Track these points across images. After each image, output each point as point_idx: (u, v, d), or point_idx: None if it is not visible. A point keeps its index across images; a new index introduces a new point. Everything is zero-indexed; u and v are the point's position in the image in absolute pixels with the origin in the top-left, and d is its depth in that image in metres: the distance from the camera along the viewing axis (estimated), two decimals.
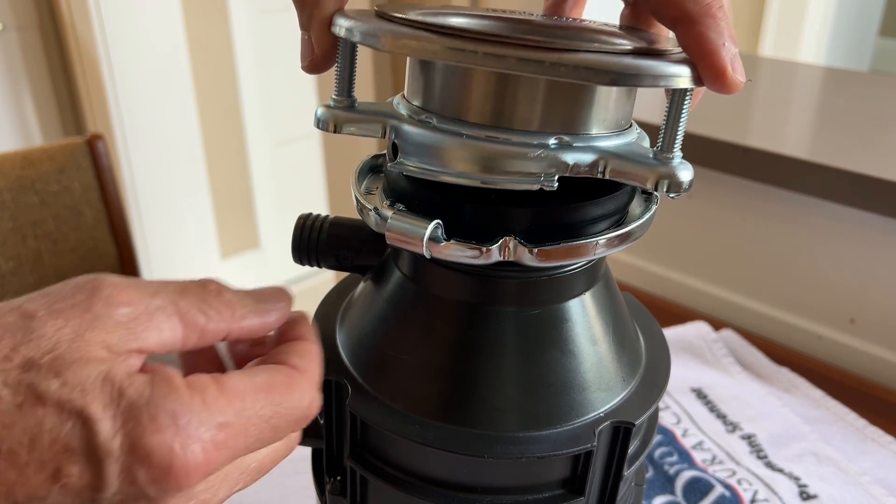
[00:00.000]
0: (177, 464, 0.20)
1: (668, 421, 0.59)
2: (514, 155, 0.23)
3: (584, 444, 0.27)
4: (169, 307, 0.23)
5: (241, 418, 0.22)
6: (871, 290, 0.69)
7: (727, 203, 0.77)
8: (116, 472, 0.20)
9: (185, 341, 0.24)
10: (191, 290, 0.24)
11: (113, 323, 0.22)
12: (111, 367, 0.21)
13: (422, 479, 0.29)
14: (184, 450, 0.20)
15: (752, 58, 1.15)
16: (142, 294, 0.23)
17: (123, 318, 0.22)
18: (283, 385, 0.24)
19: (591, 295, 0.29)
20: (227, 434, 0.22)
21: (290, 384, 0.24)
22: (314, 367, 0.26)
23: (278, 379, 0.24)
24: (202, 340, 0.24)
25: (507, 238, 0.25)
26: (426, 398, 0.28)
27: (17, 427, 0.19)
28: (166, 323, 0.23)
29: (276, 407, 0.23)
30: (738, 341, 0.69)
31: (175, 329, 0.23)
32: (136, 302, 0.22)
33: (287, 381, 0.24)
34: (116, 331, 0.22)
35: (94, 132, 1.00)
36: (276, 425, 0.23)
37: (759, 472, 0.54)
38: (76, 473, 0.20)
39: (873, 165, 0.65)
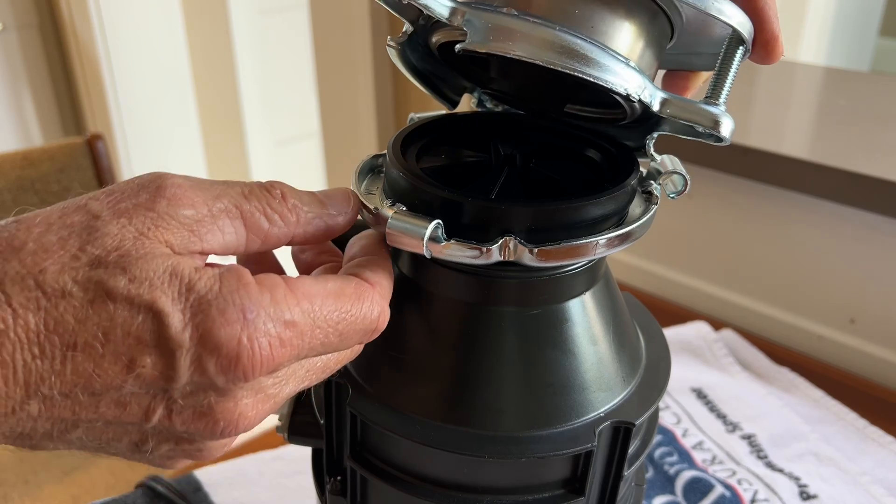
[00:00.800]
0: (244, 355, 0.21)
1: (669, 421, 0.59)
2: (605, 58, 0.24)
3: (585, 444, 0.27)
4: (233, 210, 0.23)
5: (309, 319, 0.22)
6: (871, 290, 0.69)
7: (727, 203, 0.77)
8: (188, 363, 0.20)
9: (249, 245, 0.24)
10: (255, 194, 0.24)
11: (176, 223, 0.22)
12: (178, 262, 0.21)
13: (422, 479, 0.29)
14: (251, 342, 0.21)
15: None
16: (206, 196, 0.23)
17: (187, 219, 0.22)
18: (353, 294, 0.24)
19: (592, 295, 0.29)
20: (294, 332, 0.22)
21: (361, 294, 0.24)
22: (386, 281, 0.26)
23: (349, 288, 0.24)
24: (265, 245, 0.24)
25: (507, 238, 0.25)
26: (426, 398, 0.28)
27: (90, 322, 0.20)
28: (229, 226, 0.23)
29: (345, 314, 0.23)
30: (738, 341, 0.69)
31: (238, 232, 0.23)
32: (200, 203, 0.23)
33: (358, 290, 0.24)
34: (180, 231, 0.22)
35: (94, 132, 1.00)
36: (342, 331, 0.24)
37: (759, 472, 0.54)
38: (149, 364, 0.20)
39: (873, 165, 0.65)
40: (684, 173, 0.29)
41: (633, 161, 0.29)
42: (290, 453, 0.56)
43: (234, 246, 0.23)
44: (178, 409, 0.21)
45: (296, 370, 0.24)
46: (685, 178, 0.29)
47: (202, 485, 0.53)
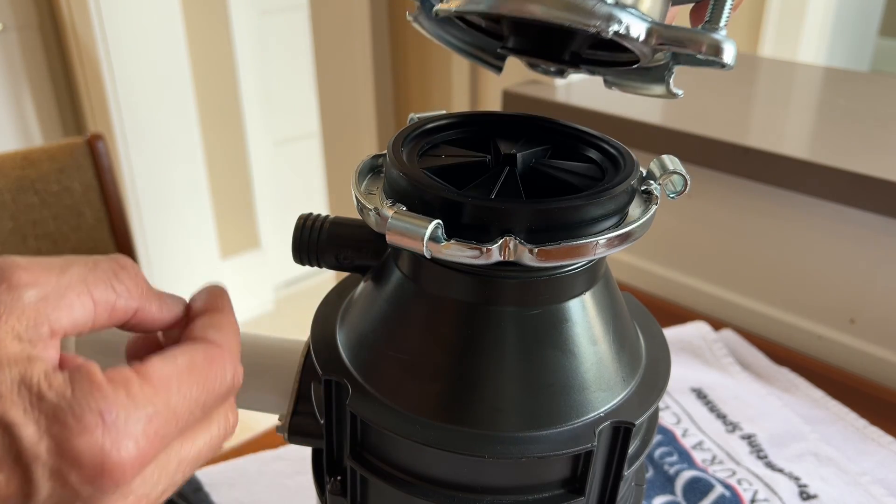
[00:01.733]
0: (109, 462, 0.20)
1: (668, 421, 0.59)
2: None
3: (584, 444, 0.27)
4: (78, 285, 0.22)
5: (170, 404, 0.22)
6: (871, 290, 0.69)
7: (727, 203, 0.77)
8: (46, 477, 0.19)
9: (97, 319, 0.23)
10: (102, 266, 0.24)
11: (21, 307, 0.21)
12: (26, 368, 0.20)
13: (422, 478, 0.29)
14: (115, 447, 0.20)
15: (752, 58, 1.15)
16: (49, 272, 0.22)
17: (31, 299, 0.21)
18: (204, 362, 0.24)
19: (591, 295, 0.29)
20: (158, 423, 0.21)
21: (211, 360, 0.24)
22: (232, 338, 0.26)
23: (198, 357, 0.24)
24: (112, 318, 0.24)
25: (507, 238, 0.25)
26: (426, 398, 0.28)
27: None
28: (77, 301, 0.22)
29: (202, 385, 0.23)
30: (738, 341, 0.69)
31: (86, 307, 0.22)
32: (44, 281, 0.22)
33: (208, 356, 0.24)
34: (25, 315, 0.21)
35: (94, 132, 1.00)
36: (204, 403, 0.23)
37: (759, 472, 0.54)
38: (2, 481, 0.19)
39: (873, 165, 0.65)
40: (684, 173, 0.29)
41: (633, 161, 0.29)
42: (290, 453, 0.56)
43: (83, 321, 0.23)
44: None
45: (166, 465, 0.23)
46: (685, 178, 0.29)
47: (202, 485, 0.53)
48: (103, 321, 0.23)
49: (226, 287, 0.29)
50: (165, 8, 1.65)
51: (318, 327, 0.32)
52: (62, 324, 0.22)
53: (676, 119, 0.78)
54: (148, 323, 0.25)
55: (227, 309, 0.27)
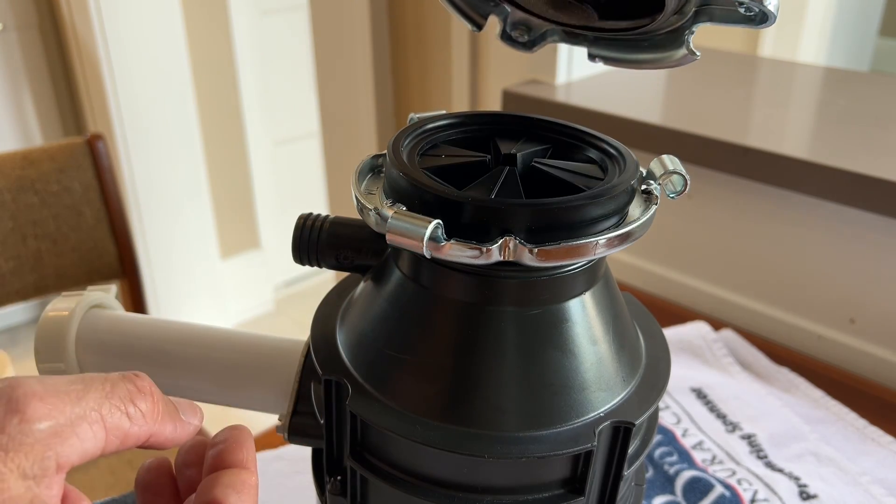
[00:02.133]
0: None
1: (668, 421, 0.59)
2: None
3: (584, 443, 0.27)
4: (92, 414, 0.22)
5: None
6: (871, 290, 0.69)
7: (727, 203, 0.77)
8: None
9: (107, 447, 0.22)
10: (119, 390, 0.23)
11: (31, 443, 0.20)
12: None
13: (422, 478, 0.29)
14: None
15: (752, 58, 1.15)
16: (65, 402, 0.21)
17: (42, 435, 0.20)
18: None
19: (591, 295, 0.29)
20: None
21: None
22: (252, 501, 0.25)
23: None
24: (124, 444, 0.23)
25: (507, 238, 0.25)
26: (426, 398, 0.28)
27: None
28: (89, 432, 0.21)
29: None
30: (738, 341, 0.69)
31: (97, 437, 0.22)
32: (58, 413, 0.21)
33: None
34: (34, 451, 0.20)
35: (94, 132, 1.00)
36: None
37: (759, 471, 0.54)
38: None
39: (873, 165, 0.65)
40: (684, 173, 0.29)
41: (633, 161, 0.29)
42: (290, 453, 0.56)
43: (91, 451, 0.22)
44: None
45: None
46: (685, 178, 0.29)
47: None
48: (114, 447, 0.23)
49: (250, 433, 0.28)
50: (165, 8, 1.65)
51: (318, 327, 0.32)
52: (70, 458, 0.21)
53: (676, 119, 0.78)
54: (160, 445, 0.25)
55: (249, 465, 0.26)
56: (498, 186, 0.27)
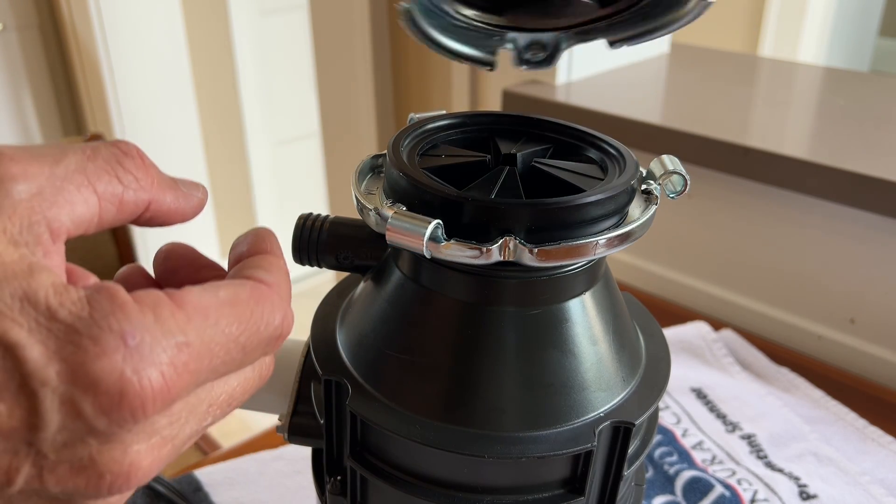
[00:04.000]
0: (130, 391, 0.17)
1: (668, 421, 0.59)
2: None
3: (584, 444, 0.27)
4: (77, 176, 0.19)
5: (205, 336, 0.19)
6: (871, 290, 0.69)
7: (727, 203, 0.77)
8: (56, 405, 0.17)
9: (103, 215, 0.20)
10: (102, 153, 0.20)
11: (11, 205, 0.17)
12: (29, 279, 0.17)
13: (422, 478, 0.29)
14: (137, 374, 0.17)
15: (752, 58, 1.15)
16: (42, 163, 0.18)
17: (23, 195, 0.18)
18: (250, 299, 0.21)
19: (591, 295, 0.29)
20: (189, 355, 0.18)
21: (260, 298, 0.21)
22: (283, 280, 0.23)
23: (244, 293, 0.21)
24: (122, 213, 0.20)
25: (507, 238, 0.25)
26: (426, 398, 0.28)
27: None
28: (77, 195, 0.19)
29: (245, 323, 0.20)
30: (738, 341, 0.69)
31: (89, 201, 0.19)
32: (35, 172, 0.18)
33: (255, 294, 0.21)
34: (17, 214, 0.18)
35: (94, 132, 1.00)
36: (244, 344, 0.20)
37: (759, 472, 0.54)
38: (4, 411, 0.16)
39: (873, 165, 0.65)
40: (684, 173, 0.29)
41: (633, 161, 0.29)
42: (290, 453, 0.56)
43: (87, 218, 0.19)
44: (49, 466, 0.17)
45: (196, 405, 0.20)
46: (685, 178, 0.29)
47: (202, 485, 0.53)
48: (111, 217, 0.20)
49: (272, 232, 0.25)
50: (165, 8, 1.65)
51: (318, 327, 0.32)
52: (63, 222, 0.18)
53: (676, 119, 0.78)
54: (164, 215, 0.22)
55: (276, 251, 0.24)
56: (498, 186, 0.27)
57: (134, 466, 0.18)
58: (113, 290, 0.18)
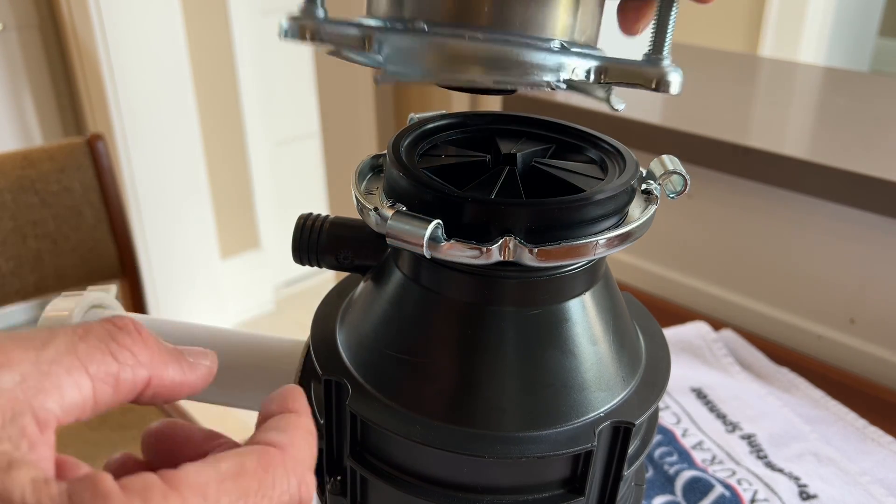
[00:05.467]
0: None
1: (668, 421, 0.59)
2: (521, 55, 0.23)
3: (584, 444, 0.27)
4: (66, 358, 0.18)
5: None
6: (870, 290, 0.69)
7: (727, 203, 0.77)
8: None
9: (98, 398, 0.18)
10: (94, 331, 0.19)
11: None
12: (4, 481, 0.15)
13: (422, 478, 0.29)
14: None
15: (752, 58, 1.15)
16: (26, 348, 0.18)
17: (6, 384, 0.17)
18: (258, 468, 0.19)
19: (591, 295, 0.29)
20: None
21: (268, 464, 0.19)
22: (300, 440, 0.21)
23: (251, 462, 0.19)
24: (119, 393, 0.19)
25: (507, 238, 0.25)
26: (426, 398, 0.28)
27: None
28: (67, 378, 0.18)
29: (252, 496, 0.18)
30: (738, 341, 0.69)
31: (81, 384, 0.18)
32: (20, 359, 0.17)
33: (263, 461, 0.19)
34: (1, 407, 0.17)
35: (94, 132, 1.00)
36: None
37: (758, 472, 0.54)
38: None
39: (873, 165, 0.65)
40: (684, 173, 0.29)
41: (633, 161, 0.29)
42: None
43: (79, 405, 0.18)
44: None
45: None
46: (685, 179, 0.29)
47: None
48: (107, 398, 0.19)
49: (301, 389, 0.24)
50: (165, 8, 1.65)
51: (318, 327, 0.32)
52: (51, 410, 0.17)
53: (676, 119, 0.78)
54: (168, 391, 0.21)
55: (301, 410, 0.22)
56: (498, 186, 0.27)
57: None
58: (97, 479, 0.16)
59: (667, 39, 0.25)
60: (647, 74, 0.24)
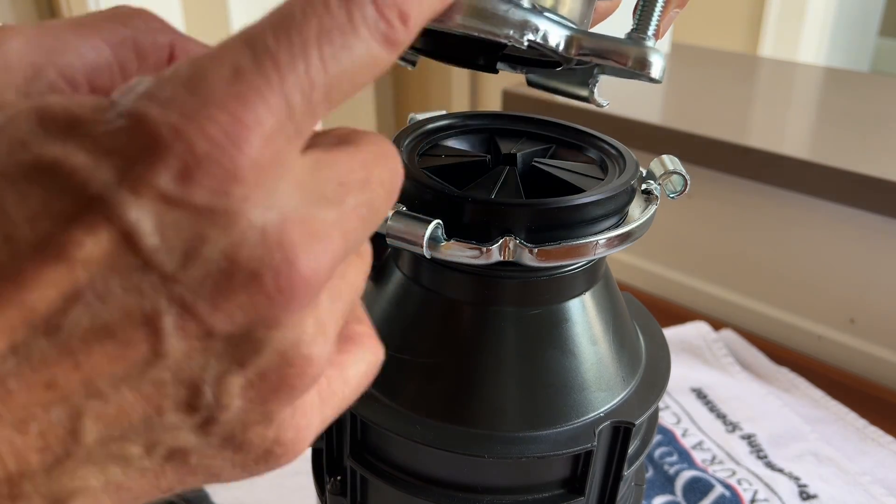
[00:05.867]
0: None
1: (668, 421, 0.59)
2: (483, 3, 0.21)
3: (584, 444, 0.27)
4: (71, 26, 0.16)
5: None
6: (871, 290, 0.69)
7: (727, 203, 0.77)
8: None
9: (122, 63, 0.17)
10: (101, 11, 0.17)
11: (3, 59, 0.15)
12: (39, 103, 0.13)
13: (422, 478, 0.29)
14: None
15: (752, 58, 1.15)
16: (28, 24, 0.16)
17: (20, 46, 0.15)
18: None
19: (591, 295, 0.29)
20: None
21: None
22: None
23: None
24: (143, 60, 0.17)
25: (507, 238, 0.25)
26: (426, 398, 0.28)
27: None
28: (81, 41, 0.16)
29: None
30: (738, 341, 0.69)
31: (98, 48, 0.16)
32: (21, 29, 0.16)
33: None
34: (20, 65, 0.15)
35: None
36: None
37: (759, 472, 0.54)
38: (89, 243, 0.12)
39: (873, 165, 0.65)
40: (684, 173, 0.29)
41: (633, 161, 0.29)
42: None
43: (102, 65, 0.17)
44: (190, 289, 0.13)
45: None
46: (685, 178, 0.29)
47: None
48: (132, 66, 0.17)
49: None
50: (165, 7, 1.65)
51: None
52: (76, 68, 0.16)
53: (676, 119, 0.78)
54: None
55: None
56: (498, 186, 0.27)
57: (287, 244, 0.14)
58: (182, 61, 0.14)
59: (653, 19, 0.23)
60: (625, 52, 0.22)
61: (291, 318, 0.14)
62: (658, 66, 0.23)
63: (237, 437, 0.15)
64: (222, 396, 0.14)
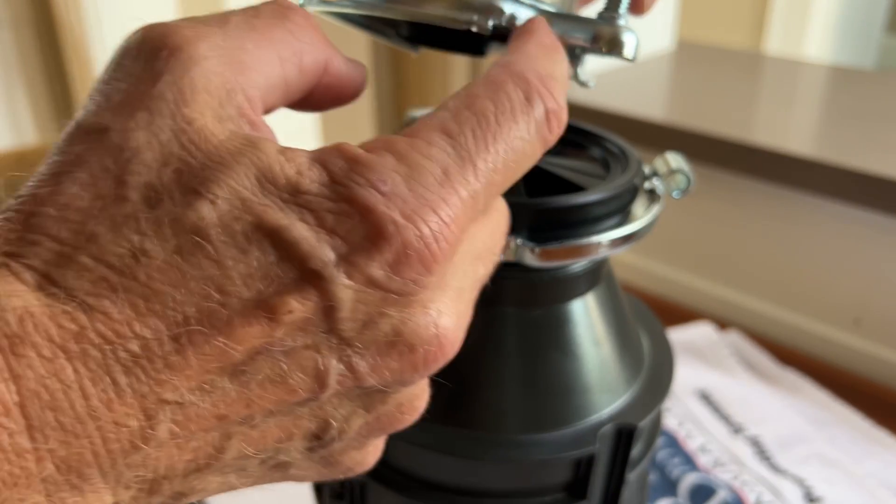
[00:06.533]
0: (409, 235, 0.15)
1: (672, 423, 0.59)
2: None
3: (587, 446, 0.26)
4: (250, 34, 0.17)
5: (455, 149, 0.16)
6: (877, 290, 0.69)
7: (731, 202, 0.76)
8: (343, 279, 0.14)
9: (288, 78, 0.17)
10: (264, 10, 0.17)
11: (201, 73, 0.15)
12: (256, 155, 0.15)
13: (421, 482, 0.28)
14: (409, 217, 0.15)
15: (757, 55, 1.14)
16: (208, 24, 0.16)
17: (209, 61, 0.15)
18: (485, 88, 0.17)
19: (594, 295, 0.28)
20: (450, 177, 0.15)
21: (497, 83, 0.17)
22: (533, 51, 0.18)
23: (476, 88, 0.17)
24: (304, 76, 0.18)
25: (508, 238, 0.24)
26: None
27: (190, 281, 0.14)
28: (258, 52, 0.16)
29: (492, 117, 0.17)
30: (743, 342, 0.68)
31: (271, 61, 0.17)
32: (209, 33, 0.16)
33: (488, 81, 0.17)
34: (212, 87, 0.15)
35: None
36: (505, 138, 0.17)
37: (763, 474, 0.53)
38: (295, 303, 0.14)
39: (880, 164, 0.65)
40: (688, 172, 0.28)
41: (637, 159, 0.28)
42: None
43: (276, 82, 0.17)
44: (357, 353, 0.15)
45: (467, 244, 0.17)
46: (689, 177, 0.28)
47: None
48: (295, 80, 0.17)
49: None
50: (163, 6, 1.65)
51: None
52: (258, 87, 0.16)
53: (680, 117, 0.77)
54: (340, 82, 0.19)
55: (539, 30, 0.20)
56: None
57: (441, 328, 0.16)
58: (339, 147, 0.15)
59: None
60: (596, 32, 0.22)
61: (421, 381, 0.18)
62: (631, 45, 0.22)
63: (335, 458, 0.18)
64: (343, 433, 0.17)
